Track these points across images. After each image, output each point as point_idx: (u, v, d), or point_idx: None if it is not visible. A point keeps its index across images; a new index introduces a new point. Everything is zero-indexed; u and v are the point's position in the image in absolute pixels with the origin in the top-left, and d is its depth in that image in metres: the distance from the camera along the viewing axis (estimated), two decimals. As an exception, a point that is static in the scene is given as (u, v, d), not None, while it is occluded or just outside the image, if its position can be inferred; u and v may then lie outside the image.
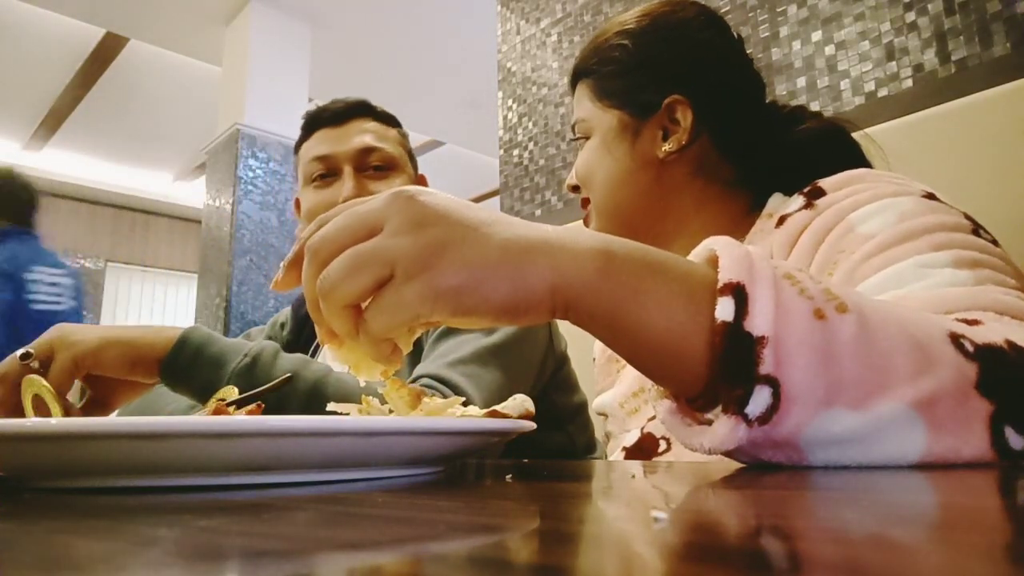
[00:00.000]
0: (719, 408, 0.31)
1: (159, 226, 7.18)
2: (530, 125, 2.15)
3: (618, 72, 0.69)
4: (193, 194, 6.67)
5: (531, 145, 2.13)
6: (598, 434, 0.95)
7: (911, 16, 1.31)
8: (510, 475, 0.36)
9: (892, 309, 0.33)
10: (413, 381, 0.75)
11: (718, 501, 0.26)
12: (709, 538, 0.18)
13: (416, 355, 0.88)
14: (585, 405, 0.95)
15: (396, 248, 0.32)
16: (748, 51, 0.72)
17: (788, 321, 0.29)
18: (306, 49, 4.17)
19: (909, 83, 1.30)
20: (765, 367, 0.29)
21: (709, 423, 0.33)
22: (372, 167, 0.97)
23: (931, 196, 0.52)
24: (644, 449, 0.60)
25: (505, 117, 2.25)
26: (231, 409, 0.46)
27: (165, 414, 0.84)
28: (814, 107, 1.46)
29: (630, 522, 0.21)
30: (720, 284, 0.31)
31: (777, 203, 0.63)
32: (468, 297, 0.32)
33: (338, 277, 0.32)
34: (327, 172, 0.98)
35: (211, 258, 3.76)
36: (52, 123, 5.50)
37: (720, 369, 0.30)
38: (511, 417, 0.40)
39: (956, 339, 0.32)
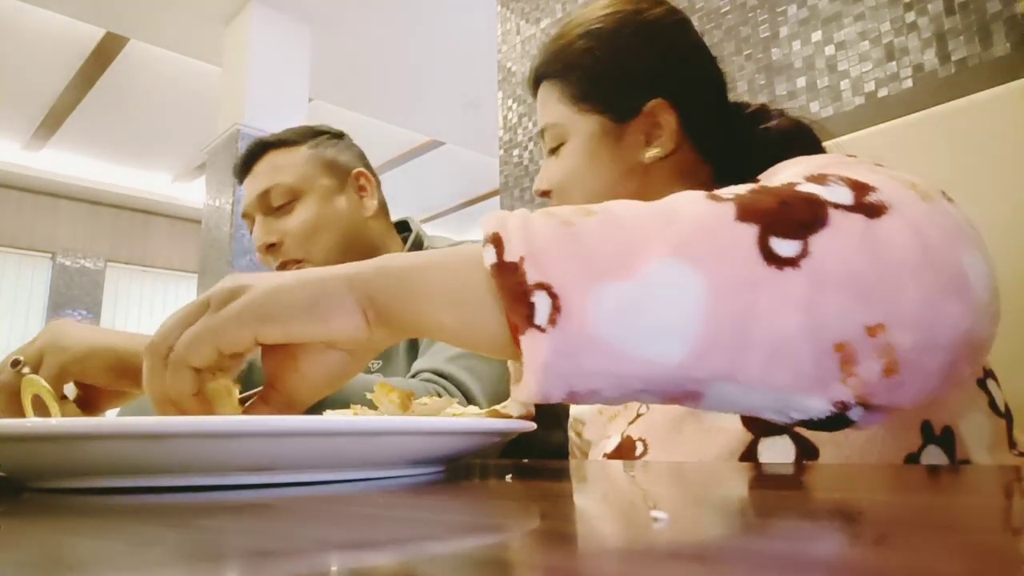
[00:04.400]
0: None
1: (159, 226, 7.18)
2: (530, 125, 2.15)
3: (593, 74, 0.67)
4: (193, 194, 6.68)
5: (531, 145, 2.13)
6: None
7: (911, 16, 1.31)
8: (510, 475, 0.36)
9: (650, 203, 0.34)
10: (413, 376, 0.75)
11: (718, 501, 0.26)
12: (709, 538, 0.18)
13: (413, 352, 0.88)
14: (585, 404, 0.95)
15: (207, 296, 0.36)
16: (748, 51, 0.73)
17: (537, 239, 0.32)
18: (306, 49, 4.17)
19: (909, 83, 1.30)
20: (531, 277, 0.31)
21: None
22: (275, 208, 0.98)
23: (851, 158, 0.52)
24: (623, 452, 0.60)
25: (505, 117, 2.25)
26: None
27: (165, 414, 0.84)
28: (814, 107, 1.46)
29: (630, 522, 0.21)
30: (482, 241, 0.33)
31: None
32: (268, 302, 0.35)
33: (163, 334, 0.36)
34: (252, 226, 1.01)
35: (211, 258, 3.76)
36: (52, 123, 5.50)
37: (506, 305, 0.31)
38: (512, 417, 0.40)
39: (711, 195, 0.33)
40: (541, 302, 0.30)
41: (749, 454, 0.51)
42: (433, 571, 0.14)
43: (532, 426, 0.39)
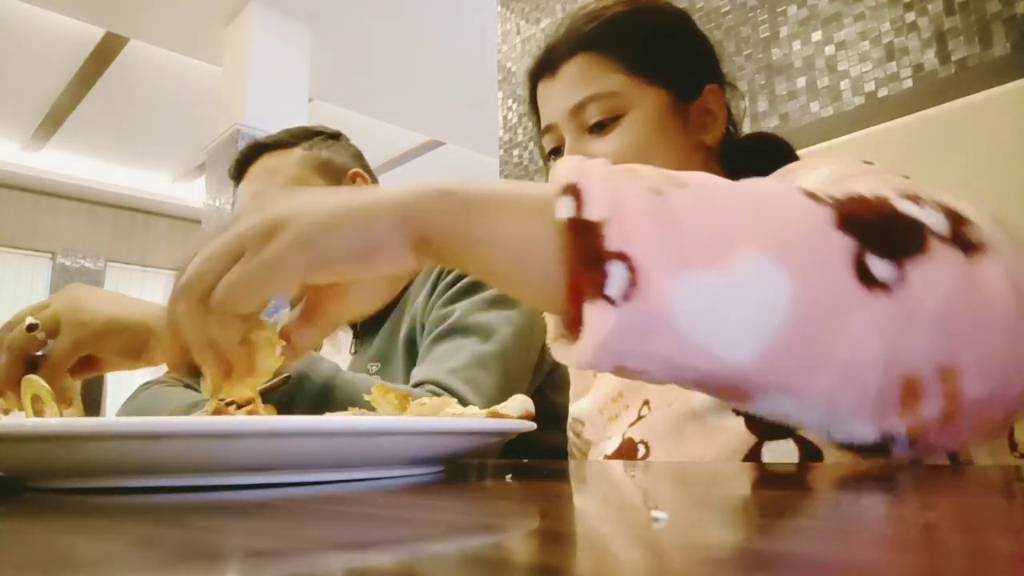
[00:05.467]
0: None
1: (159, 226, 7.18)
2: (530, 125, 2.15)
3: (660, 48, 0.66)
4: (193, 194, 6.68)
5: (531, 145, 2.13)
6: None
7: (911, 16, 1.31)
8: (510, 475, 0.36)
9: (745, 181, 0.33)
10: (416, 386, 0.75)
11: (718, 501, 0.26)
12: (709, 538, 0.18)
13: (412, 355, 0.88)
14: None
15: (242, 231, 0.33)
16: (748, 51, 0.74)
17: (624, 202, 0.29)
18: (306, 49, 4.17)
19: (909, 83, 1.30)
20: (611, 244, 0.28)
21: None
22: None
23: (868, 164, 0.53)
24: (624, 454, 0.60)
25: (505, 117, 2.25)
26: (231, 409, 0.46)
27: (165, 414, 0.84)
28: (814, 107, 1.46)
29: (630, 522, 0.21)
30: (558, 190, 0.31)
31: None
32: (315, 248, 0.32)
33: (197, 272, 0.34)
34: None
35: (211, 258, 3.76)
36: (52, 123, 5.50)
37: (574, 264, 0.29)
38: (511, 417, 0.40)
39: (809, 192, 0.32)
40: (616, 273, 0.28)
41: (752, 457, 0.51)
42: (433, 571, 0.14)
43: (532, 426, 0.39)
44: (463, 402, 0.72)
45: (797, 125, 1.46)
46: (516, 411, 0.41)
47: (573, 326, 0.32)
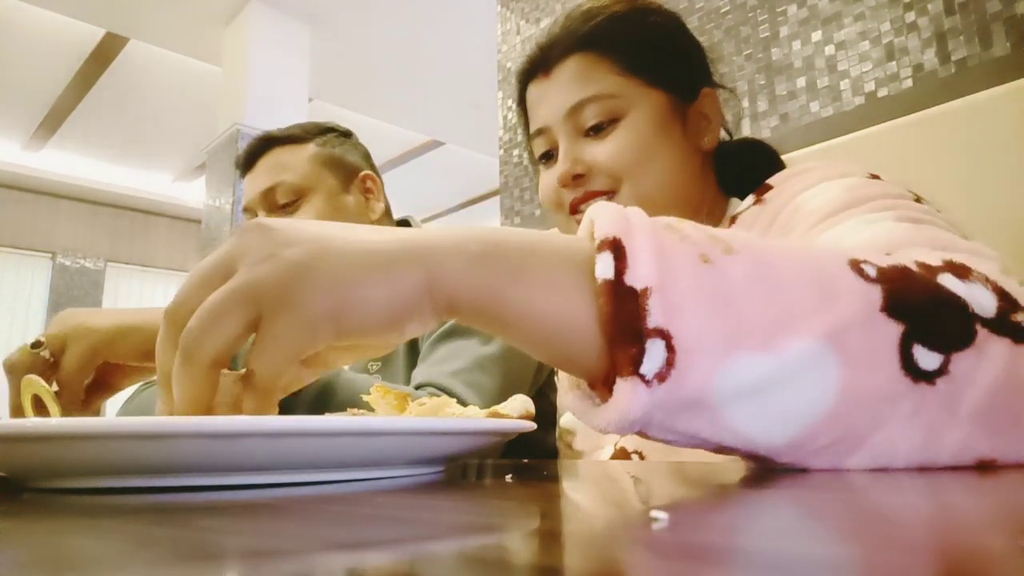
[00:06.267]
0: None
1: (159, 226, 7.18)
2: (530, 125, 2.15)
3: (661, 49, 0.65)
4: (193, 194, 6.68)
5: (531, 145, 2.14)
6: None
7: (911, 16, 1.31)
8: (510, 475, 0.36)
9: (787, 245, 0.31)
10: (417, 387, 0.75)
11: (718, 501, 0.26)
12: (709, 538, 0.18)
13: (413, 356, 0.88)
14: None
15: (255, 281, 0.30)
16: (748, 51, 0.74)
17: (671, 269, 0.28)
18: (306, 49, 4.17)
19: (909, 83, 1.30)
20: (653, 319, 0.27)
21: None
22: (280, 206, 0.97)
23: (876, 177, 0.53)
24: None
25: (505, 117, 2.25)
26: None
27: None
28: (814, 107, 1.46)
29: (630, 522, 0.21)
30: (597, 242, 0.29)
31: (734, 207, 0.65)
32: (346, 319, 0.30)
33: (201, 329, 0.30)
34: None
35: (211, 258, 3.76)
36: (52, 123, 5.50)
37: (610, 332, 0.28)
38: (511, 417, 0.40)
39: (856, 266, 0.30)
40: (655, 351, 0.27)
41: None
42: (433, 571, 0.14)
43: (532, 426, 0.39)
44: (463, 405, 0.72)
45: (797, 125, 1.46)
46: (516, 411, 0.41)
47: (599, 385, 0.31)
